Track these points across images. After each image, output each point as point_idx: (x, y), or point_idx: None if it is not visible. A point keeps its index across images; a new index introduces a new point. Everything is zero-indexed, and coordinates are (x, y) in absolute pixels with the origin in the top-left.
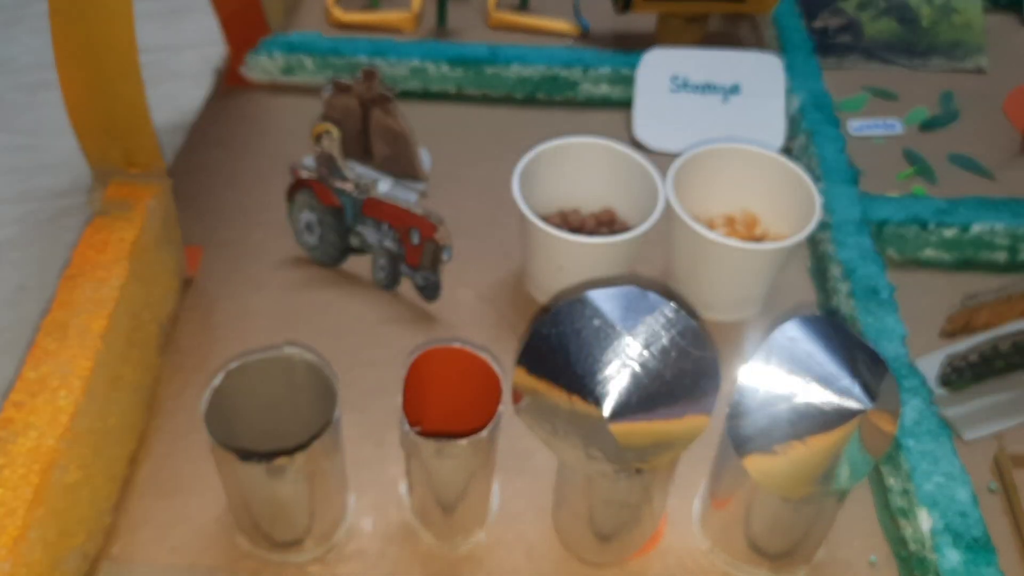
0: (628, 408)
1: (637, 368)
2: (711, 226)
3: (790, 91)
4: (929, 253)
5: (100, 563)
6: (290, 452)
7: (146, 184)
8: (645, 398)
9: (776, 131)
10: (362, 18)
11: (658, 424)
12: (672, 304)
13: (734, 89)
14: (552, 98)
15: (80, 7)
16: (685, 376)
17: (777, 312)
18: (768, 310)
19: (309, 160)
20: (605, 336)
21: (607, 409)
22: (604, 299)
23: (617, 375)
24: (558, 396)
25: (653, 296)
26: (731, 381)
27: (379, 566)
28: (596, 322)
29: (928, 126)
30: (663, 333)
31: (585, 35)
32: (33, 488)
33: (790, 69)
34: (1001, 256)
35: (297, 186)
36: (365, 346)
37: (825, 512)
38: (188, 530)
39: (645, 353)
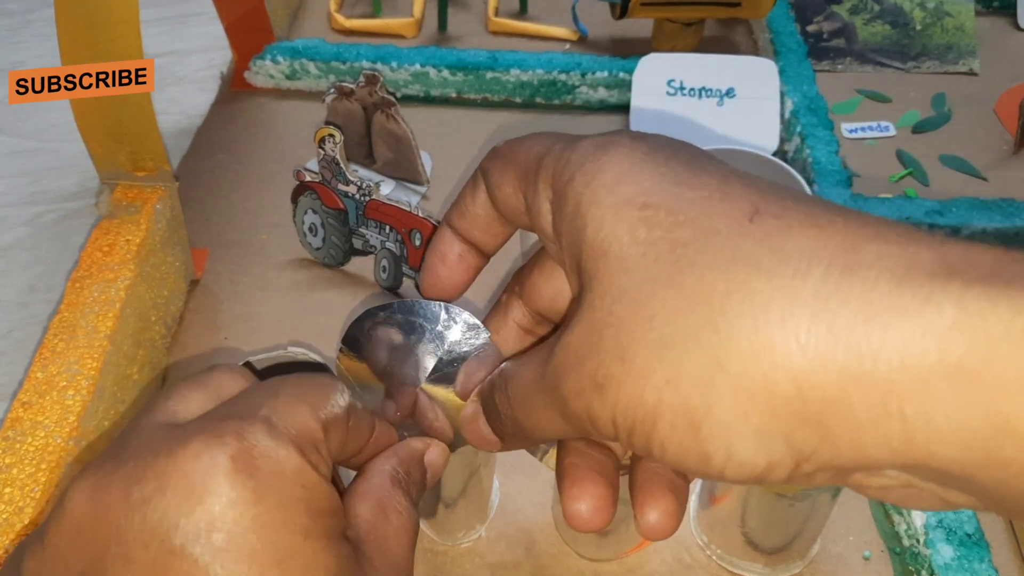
0: None
1: None
2: None
3: (784, 94)
4: None
5: None
6: None
7: (153, 187)
8: None
9: (770, 134)
10: (365, 24)
11: None
12: None
13: (729, 93)
14: (551, 102)
15: (86, 13)
16: None
17: None
18: None
19: (313, 163)
20: None
21: None
22: None
23: None
24: None
25: None
26: None
27: None
28: None
29: (920, 128)
30: None
31: (583, 40)
32: (42, 487)
33: (784, 73)
34: None
35: (301, 189)
36: None
37: (820, 508)
38: None
39: None
